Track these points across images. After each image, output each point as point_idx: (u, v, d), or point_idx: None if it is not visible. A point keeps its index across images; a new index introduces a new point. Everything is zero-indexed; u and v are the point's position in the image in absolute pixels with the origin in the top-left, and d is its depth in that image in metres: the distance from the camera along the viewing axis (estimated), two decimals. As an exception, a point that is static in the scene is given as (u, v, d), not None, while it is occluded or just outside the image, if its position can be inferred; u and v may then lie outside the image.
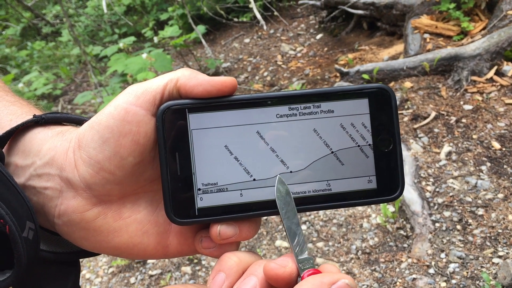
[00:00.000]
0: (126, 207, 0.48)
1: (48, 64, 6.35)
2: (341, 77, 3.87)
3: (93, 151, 0.44)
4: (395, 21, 4.47)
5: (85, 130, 0.45)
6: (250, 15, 5.89)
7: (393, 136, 0.48)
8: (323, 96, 0.47)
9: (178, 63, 5.81)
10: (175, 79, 0.46)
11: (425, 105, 3.15)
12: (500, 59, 3.28)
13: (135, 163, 0.45)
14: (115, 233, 0.47)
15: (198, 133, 0.46)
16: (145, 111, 0.45)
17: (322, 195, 0.47)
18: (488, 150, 2.69)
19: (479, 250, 2.15)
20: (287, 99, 0.47)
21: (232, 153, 0.46)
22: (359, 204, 0.48)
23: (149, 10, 6.88)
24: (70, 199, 0.45)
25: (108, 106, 0.45)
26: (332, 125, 0.47)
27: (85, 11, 7.21)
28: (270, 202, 0.47)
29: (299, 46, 5.25)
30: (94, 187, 0.45)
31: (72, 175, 0.45)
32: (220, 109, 0.46)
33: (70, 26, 4.37)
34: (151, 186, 0.49)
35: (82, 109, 5.28)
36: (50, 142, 0.47)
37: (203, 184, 0.46)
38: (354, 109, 0.47)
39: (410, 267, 2.17)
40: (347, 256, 2.33)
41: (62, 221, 0.46)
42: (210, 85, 0.45)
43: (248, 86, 4.62)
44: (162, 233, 0.48)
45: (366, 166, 0.48)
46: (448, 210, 2.39)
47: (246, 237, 0.47)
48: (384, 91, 0.48)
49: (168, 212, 0.46)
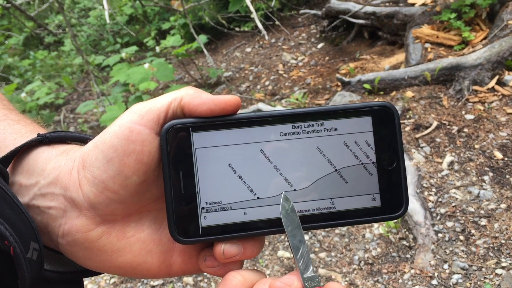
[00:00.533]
0: (130, 226, 0.48)
1: (50, 74, 6.38)
2: (343, 86, 3.87)
3: (97, 170, 0.45)
4: (396, 30, 4.48)
5: (90, 150, 0.46)
6: (252, 24, 5.91)
7: (396, 153, 0.48)
8: (326, 114, 0.47)
9: (180, 72, 5.83)
10: (179, 98, 0.46)
11: (426, 115, 3.15)
12: (501, 68, 3.28)
13: (139, 182, 0.45)
14: (119, 252, 0.47)
15: (202, 151, 0.46)
16: (149, 130, 0.45)
17: (326, 213, 0.47)
18: (490, 160, 2.69)
19: (482, 261, 2.14)
20: (290, 117, 0.47)
21: (236, 172, 0.46)
22: (363, 222, 0.48)
23: (151, 20, 6.91)
24: (74, 219, 0.46)
25: (113, 125, 0.46)
26: (335, 143, 0.47)
27: (87, 20, 7.25)
28: (274, 221, 0.47)
29: (300, 55, 5.27)
30: (98, 206, 0.45)
31: (76, 194, 0.45)
32: (224, 128, 0.46)
33: (72, 36, 4.39)
34: (155, 205, 0.49)
35: (84, 118, 5.29)
36: (54, 161, 0.47)
37: (207, 203, 0.46)
38: (357, 127, 0.47)
39: (413, 278, 2.16)
40: (350, 266, 2.32)
41: (66, 240, 0.46)
42: (214, 104, 0.46)
43: (250, 95, 4.63)
44: (166, 252, 0.48)
45: (370, 184, 0.48)
46: (451, 220, 2.38)
47: (250, 255, 0.47)
48: (387, 109, 0.48)
49: (172, 231, 0.46)
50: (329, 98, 3.98)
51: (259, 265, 2.45)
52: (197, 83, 5.33)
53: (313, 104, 4.02)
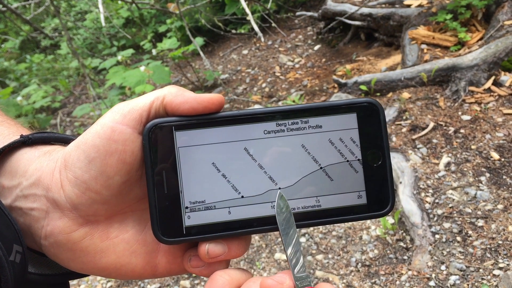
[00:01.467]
0: (113, 226, 0.47)
1: (47, 77, 6.37)
2: (339, 88, 3.87)
3: (79, 171, 0.44)
4: (392, 32, 4.48)
5: (71, 150, 0.45)
6: (248, 26, 5.92)
7: (382, 150, 0.47)
8: (311, 112, 0.47)
9: (176, 75, 5.83)
10: (162, 97, 0.45)
11: (423, 116, 3.14)
12: (497, 69, 3.28)
13: (122, 182, 0.45)
14: (102, 253, 0.46)
15: (185, 150, 0.45)
16: (132, 130, 0.44)
17: (312, 212, 0.46)
18: (487, 160, 2.68)
19: (480, 262, 2.13)
20: (274, 115, 0.46)
21: (219, 171, 0.46)
22: (349, 220, 0.47)
23: (147, 23, 6.91)
24: (57, 220, 0.45)
25: (95, 125, 0.45)
26: (320, 141, 0.46)
27: (83, 24, 7.24)
28: (259, 220, 0.46)
29: (297, 57, 5.27)
30: (80, 207, 0.44)
31: (58, 195, 0.44)
32: (207, 126, 0.46)
33: (68, 39, 4.38)
34: (138, 205, 0.48)
35: (81, 122, 5.28)
36: (36, 163, 0.47)
37: (191, 202, 0.45)
38: (342, 124, 0.47)
39: (410, 280, 2.15)
40: (347, 268, 2.32)
41: (49, 242, 0.46)
42: (196, 102, 0.45)
43: (247, 97, 4.63)
44: (151, 253, 0.48)
45: (355, 182, 0.47)
46: (448, 221, 2.37)
47: (236, 255, 0.46)
48: (372, 105, 0.47)
49: (156, 231, 0.45)
50: (326, 99, 3.97)
51: (256, 268, 2.44)
52: (194, 85, 5.33)
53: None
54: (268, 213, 0.46)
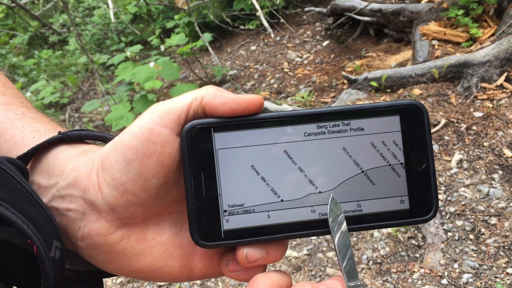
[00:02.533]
0: (150, 229, 0.46)
1: (55, 73, 6.39)
2: (349, 84, 3.85)
3: (117, 172, 0.43)
4: (402, 27, 4.45)
5: (109, 151, 0.44)
6: (257, 22, 5.90)
7: (426, 154, 0.46)
8: (352, 114, 0.46)
9: (184, 71, 5.82)
10: (200, 98, 0.44)
11: (434, 113, 3.12)
12: (510, 65, 3.25)
13: (159, 185, 0.44)
14: (139, 256, 0.46)
15: (224, 152, 0.45)
16: (170, 131, 0.44)
17: (353, 216, 0.45)
18: (500, 158, 2.66)
19: (493, 260, 2.12)
20: (315, 117, 0.45)
21: (258, 173, 0.45)
22: (391, 225, 0.46)
23: (155, 18, 6.91)
24: (94, 222, 0.44)
25: (132, 125, 0.44)
26: (362, 144, 0.45)
27: (92, 19, 7.25)
28: (298, 224, 0.45)
29: (305, 53, 5.25)
30: (118, 209, 0.44)
31: (96, 197, 0.44)
32: (246, 128, 0.45)
33: (77, 35, 4.39)
34: (175, 207, 0.47)
35: (89, 118, 5.29)
36: (73, 162, 0.46)
37: (229, 206, 0.45)
38: (385, 126, 0.46)
39: (422, 278, 2.14)
40: (358, 266, 2.31)
41: (85, 243, 0.45)
42: (236, 103, 0.44)
43: (255, 93, 4.61)
44: (187, 256, 0.47)
45: (398, 186, 0.46)
46: (460, 219, 2.36)
47: (274, 259, 0.46)
48: (416, 107, 0.46)
49: (193, 235, 0.44)
50: (335, 96, 3.96)
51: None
52: (202, 81, 5.32)
53: (319, 102, 4.00)
54: (308, 217, 0.45)
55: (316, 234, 0.46)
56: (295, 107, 3.84)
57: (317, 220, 0.45)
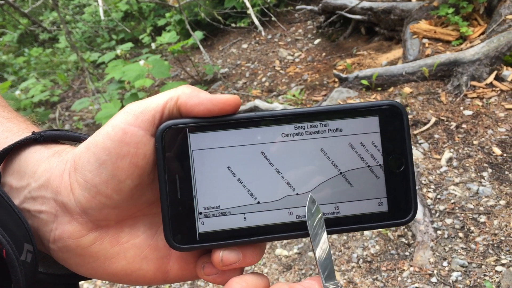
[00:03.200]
0: (124, 231, 0.45)
1: (45, 71, 6.33)
2: (340, 82, 3.85)
3: (89, 174, 0.42)
4: (393, 26, 4.46)
5: (81, 152, 0.43)
6: (248, 20, 5.88)
7: (405, 155, 0.45)
8: (331, 114, 0.45)
9: (176, 69, 5.80)
10: (175, 98, 0.43)
11: (424, 111, 3.13)
12: (499, 64, 3.26)
13: (133, 186, 0.43)
14: (113, 259, 0.45)
15: (200, 153, 0.44)
16: (144, 131, 0.43)
17: (330, 219, 0.45)
18: (489, 156, 2.67)
19: (482, 258, 2.13)
20: (293, 117, 0.44)
21: (235, 175, 0.44)
22: (369, 228, 0.45)
23: (146, 16, 6.87)
24: (66, 224, 0.43)
25: (106, 126, 0.43)
26: (340, 145, 0.45)
27: (82, 17, 7.20)
28: (275, 226, 0.44)
29: (297, 51, 5.25)
30: (90, 211, 0.43)
31: (68, 199, 0.43)
32: (223, 129, 0.44)
33: (67, 33, 4.35)
34: (150, 209, 0.46)
35: (80, 116, 5.26)
36: (46, 163, 0.45)
37: (205, 208, 0.44)
38: (363, 127, 0.45)
39: (412, 276, 2.14)
40: (348, 264, 2.31)
41: (57, 246, 0.44)
42: (212, 103, 0.43)
43: (247, 92, 4.60)
44: (162, 258, 0.46)
45: (376, 188, 0.45)
46: (450, 217, 2.36)
47: (250, 262, 0.45)
48: (395, 108, 0.45)
49: (168, 238, 0.43)
50: (327, 94, 3.96)
51: (256, 263, 2.43)
52: (193, 79, 5.30)
53: (311, 100, 4.00)
54: (285, 220, 0.44)
55: (293, 237, 0.45)
56: (286, 105, 3.84)
57: (294, 222, 0.44)
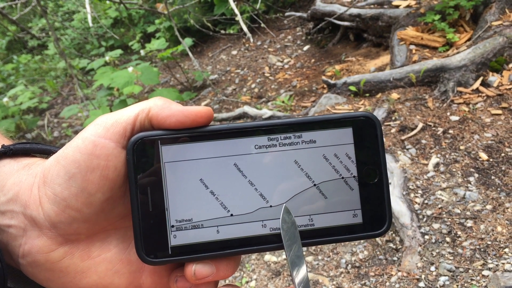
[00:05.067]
0: (95, 245, 0.45)
1: (34, 78, 6.30)
2: (329, 88, 3.87)
3: (58, 187, 0.42)
4: (381, 32, 4.49)
5: (51, 165, 0.43)
6: (237, 27, 5.90)
7: (379, 167, 0.45)
8: (304, 126, 0.45)
9: (165, 75, 5.79)
10: (147, 109, 0.43)
11: (412, 116, 3.15)
12: (485, 70, 3.30)
13: (104, 200, 0.43)
14: (83, 273, 0.44)
15: (171, 166, 0.43)
16: (115, 144, 0.42)
17: (304, 231, 0.45)
18: (476, 161, 2.69)
19: (469, 263, 2.14)
20: (266, 129, 0.44)
21: (207, 187, 0.44)
22: (343, 240, 0.45)
23: (136, 23, 6.86)
24: (35, 239, 0.43)
25: (76, 138, 0.43)
26: (314, 156, 0.45)
27: (71, 24, 7.17)
28: (249, 239, 0.44)
29: (286, 58, 5.26)
30: (59, 225, 0.42)
31: (37, 213, 0.42)
32: (195, 141, 0.44)
33: (56, 39, 4.33)
34: (122, 222, 0.46)
35: (69, 123, 5.23)
36: (15, 177, 0.45)
37: (177, 221, 0.43)
38: (337, 139, 0.45)
39: (400, 281, 2.15)
40: (337, 270, 2.31)
41: (27, 261, 0.43)
42: (183, 115, 0.43)
43: (236, 98, 4.61)
44: (135, 272, 0.46)
45: (350, 200, 0.45)
46: (437, 222, 2.38)
47: (224, 276, 0.45)
48: (369, 119, 0.45)
49: (139, 251, 0.43)
50: (315, 100, 3.97)
51: (246, 270, 2.43)
52: (183, 86, 5.30)
53: (300, 106, 4.01)
54: (259, 232, 0.44)
55: (267, 249, 0.45)
56: (275, 111, 3.85)
57: (268, 235, 0.44)
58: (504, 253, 2.13)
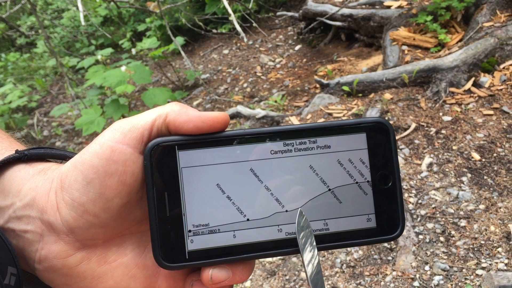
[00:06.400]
0: (112, 250, 0.45)
1: (23, 76, 6.24)
2: (321, 88, 3.88)
3: (76, 192, 0.41)
4: (373, 32, 4.51)
5: (68, 170, 0.42)
6: (229, 26, 5.89)
7: (392, 172, 0.46)
8: (319, 131, 0.45)
9: (156, 74, 5.76)
10: (164, 115, 0.43)
11: (405, 117, 3.17)
12: (477, 70, 3.33)
13: (121, 205, 0.42)
14: (100, 278, 0.44)
15: (189, 171, 0.43)
16: (132, 149, 0.42)
17: (319, 235, 0.45)
18: (468, 161, 2.72)
19: (463, 262, 2.16)
20: (281, 134, 0.45)
21: (224, 192, 0.44)
22: (357, 244, 0.46)
23: (126, 21, 6.82)
24: (52, 244, 0.42)
25: (93, 143, 0.42)
26: (329, 161, 0.45)
27: (61, 22, 7.11)
28: (265, 243, 0.44)
29: (278, 57, 5.27)
30: (77, 231, 0.42)
31: (54, 218, 0.42)
32: (212, 146, 0.44)
33: (45, 37, 4.29)
34: (138, 227, 0.46)
35: (59, 122, 5.19)
36: (31, 182, 0.44)
37: (194, 226, 0.43)
38: (351, 144, 0.45)
39: (395, 280, 2.16)
40: (332, 270, 2.32)
41: (43, 266, 0.43)
42: (201, 121, 0.43)
43: (228, 97, 4.60)
44: (151, 277, 0.45)
45: (364, 204, 0.45)
46: (431, 222, 2.39)
47: (240, 280, 0.44)
48: (382, 125, 0.46)
49: (157, 256, 0.43)
50: (308, 100, 3.98)
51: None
52: (174, 85, 5.28)
53: (292, 106, 4.02)
54: (275, 237, 0.44)
55: (283, 254, 0.45)
56: (268, 111, 3.85)
57: (284, 239, 0.44)
58: (498, 253, 2.15)
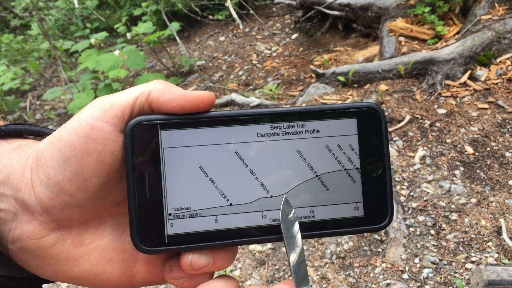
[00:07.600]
0: (88, 232, 0.43)
1: (16, 58, 6.17)
2: (317, 78, 3.85)
3: (52, 171, 0.39)
4: (370, 23, 4.48)
5: (45, 147, 0.40)
6: (226, 13, 5.84)
7: (382, 159, 0.44)
8: (308, 115, 0.43)
9: (151, 60, 5.71)
10: (147, 92, 0.41)
11: (399, 108, 3.15)
12: (473, 63, 3.31)
13: (99, 185, 0.40)
14: (75, 261, 0.42)
15: (171, 152, 0.41)
16: (113, 127, 0.40)
17: (305, 223, 0.43)
18: (462, 154, 2.71)
19: (453, 255, 2.16)
20: (269, 116, 0.42)
21: (207, 175, 0.42)
22: (344, 233, 0.44)
23: (122, 5, 6.75)
24: (25, 224, 0.40)
25: (72, 120, 0.40)
26: (317, 146, 0.43)
27: (55, 4, 7.02)
28: (248, 229, 0.42)
29: (274, 46, 5.23)
30: (52, 211, 0.40)
31: (28, 197, 0.40)
32: (196, 126, 0.42)
33: (39, 20, 4.23)
34: (117, 209, 0.44)
35: (52, 105, 5.14)
36: (6, 158, 0.42)
37: (174, 209, 0.41)
38: (341, 129, 0.43)
39: (384, 272, 2.16)
40: (322, 260, 2.31)
41: (16, 247, 0.41)
42: (185, 100, 0.41)
43: (223, 85, 4.57)
44: (128, 261, 0.44)
45: (352, 192, 0.44)
46: (422, 214, 2.39)
47: (221, 267, 0.43)
48: (374, 110, 0.44)
49: (134, 239, 0.41)
50: (303, 89, 3.95)
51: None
52: (169, 71, 5.24)
53: (287, 95, 3.99)
54: (258, 223, 0.42)
55: (266, 241, 0.43)
56: (263, 99, 3.82)
57: (267, 226, 0.43)
58: (488, 247, 2.15)
